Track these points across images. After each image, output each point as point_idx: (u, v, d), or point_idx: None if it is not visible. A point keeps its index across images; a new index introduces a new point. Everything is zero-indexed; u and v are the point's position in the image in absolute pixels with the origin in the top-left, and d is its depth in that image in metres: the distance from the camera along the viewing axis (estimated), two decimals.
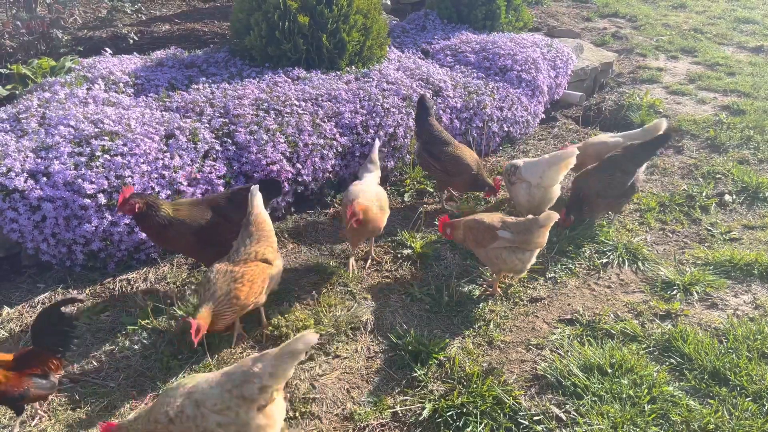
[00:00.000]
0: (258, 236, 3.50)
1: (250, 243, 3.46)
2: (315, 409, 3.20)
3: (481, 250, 3.98)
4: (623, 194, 4.71)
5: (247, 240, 3.48)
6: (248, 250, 3.43)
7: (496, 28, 7.64)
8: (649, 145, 4.63)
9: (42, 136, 4.20)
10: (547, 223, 3.80)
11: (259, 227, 3.53)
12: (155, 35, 7.27)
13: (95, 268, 4.09)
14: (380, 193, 4.23)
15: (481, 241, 3.94)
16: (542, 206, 4.63)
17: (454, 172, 4.87)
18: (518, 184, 4.67)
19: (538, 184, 4.59)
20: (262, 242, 3.49)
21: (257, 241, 3.48)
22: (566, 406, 3.25)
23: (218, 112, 4.80)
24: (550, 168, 4.55)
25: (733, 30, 10.52)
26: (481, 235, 3.94)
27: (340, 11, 5.64)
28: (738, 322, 3.91)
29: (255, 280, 3.35)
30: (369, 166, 4.50)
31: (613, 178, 4.60)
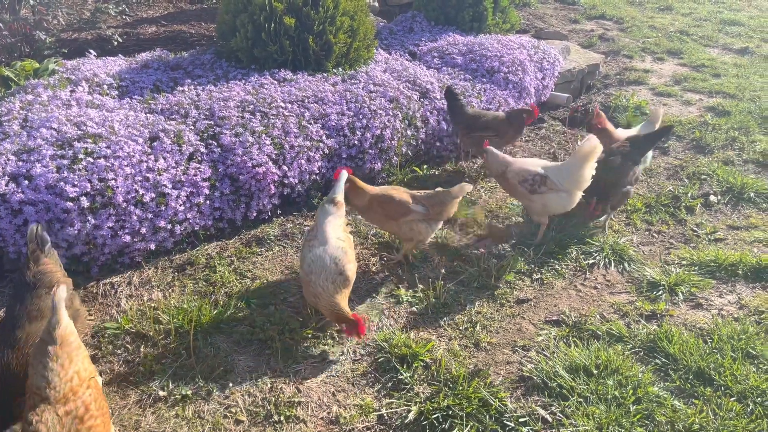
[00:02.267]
0: (68, 352, 2.60)
1: (59, 368, 2.53)
2: (300, 412, 3.18)
3: (392, 222, 4.16)
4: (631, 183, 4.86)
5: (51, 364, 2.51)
6: (63, 381, 2.52)
7: (483, 29, 7.66)
8: (652, 136, 4.90)
9: (24, 139, 4.15)
10: (460, 194, 4.18)
11: (66, 341, 2.61)
12: (141, 37, 7.23)
13: (78, 272, 4.04)
14: (343, 251, 3.58)
15: (393, 214, 4.11)
16: (568, 209, 4.58)
17: (504, 132, 5.50)
18: (548, 194, 4.45)
19: (577, 189, 4.45)
20: (75, 361, 2.60)
21: (69, 361, 2.58)
22: (552, 408, 3.24)
23: (203, 114, 4.77)
24: (583, 168, 4.36)
25: (719, 32, 10.61)
26: (393, 209, 4.11)
27: (327, 13, 5.63)
28: (722, 322, 3.93)
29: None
30: (329, 208, 3.80)
31: (626, 167, 4.70)
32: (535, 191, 4.47)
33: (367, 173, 5.31)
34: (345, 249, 3.59)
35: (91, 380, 2.63)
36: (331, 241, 3.57)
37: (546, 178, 4.45)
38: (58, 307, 2.59)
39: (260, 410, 3.17)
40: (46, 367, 2.51)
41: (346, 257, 3.56)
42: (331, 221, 3.71)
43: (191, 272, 4.18)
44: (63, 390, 2.49)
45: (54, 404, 2.45)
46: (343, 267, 3.51)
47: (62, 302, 2.60)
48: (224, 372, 3.37)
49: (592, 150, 4.31)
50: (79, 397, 2.52)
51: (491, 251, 4.58)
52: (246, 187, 4.56)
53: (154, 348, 3.50)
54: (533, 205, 4.55)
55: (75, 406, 2.49)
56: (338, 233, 3.66)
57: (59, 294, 2.61)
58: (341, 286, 3.50)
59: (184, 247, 4.40)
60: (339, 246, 3.57)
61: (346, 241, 3.69)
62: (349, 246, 3.69)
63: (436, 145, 5.85)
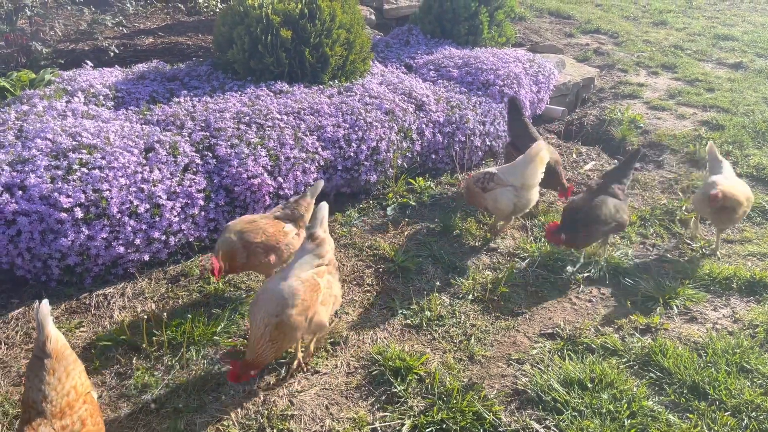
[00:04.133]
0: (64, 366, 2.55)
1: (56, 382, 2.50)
2: (293, 426, 3.16)
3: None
4: (621, 225, 4.58)
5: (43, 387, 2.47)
6: (59, 395, 2.48)
7: (479, 43, 7.71)
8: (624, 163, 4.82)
9: (18, 149, 4.15)
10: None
11: (61, 355, 2.56)
12: (138, 48, 7.24)
13: (71, 283, 4.02)
14: (292, 294, 3.14)
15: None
16: (525, 209, 4.83)
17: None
18: (498, 189, 4.68)
19: (523, 184, 4.66)
20: (72, 375, 2.57)
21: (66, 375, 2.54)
22: (546, 422, 3.23)
23: (199, 126, 4.77)
24: (528, 166, 4.64)
25: (713, 47, 10.70)
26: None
27: (323, 26, 5.66)
28: (717, 335, 3.92)
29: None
30: (306, 244, 3.42)
31: (607, 205, 4.40)
32: (486, 189, 4.72)
33: (363, 185, 5.31)
34: (297, 292, 3.11)
35: (87, 395, 2.61)
36: (288, 281, 3.16)
37: (494, 175, 4.74)
38: (44, 323, 2.52)
39: (253, 423, 3.15)
40: (42, 380, 2.47)
41: (293, 301, 3.09)
42: (303, 260, 3.30)
43: (185, 284, 4.16)
44: (60, 404, 2.45)
45: (50, 419, 2.41)
46: (283, 311, 3.06)
47: (47, 317, 2.54)
48: (217, 385, 3.35)
49: (538, 152, 4.61)
50: (76, 412, 2.48)
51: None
52: (241, 199, 4.55)
53: (147, 360, 3.48)
54: (487, 203, 4.76)
55: (71, 422, 2.46)
56: (305, 274, 3.22)
57: (43, 310, 2.54)
58: (274, 330, 3.06)
59: (178, 259, 4.39)
60: (292, 288, 3.13)
61: (308, 284, 3.18)
62: (311, 290, 3.17)
63: (432, 157, 5.87)
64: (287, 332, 3.10)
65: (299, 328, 3.13)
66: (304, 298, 3.12)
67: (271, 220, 3.85)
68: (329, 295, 3.34)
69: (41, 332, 2.52)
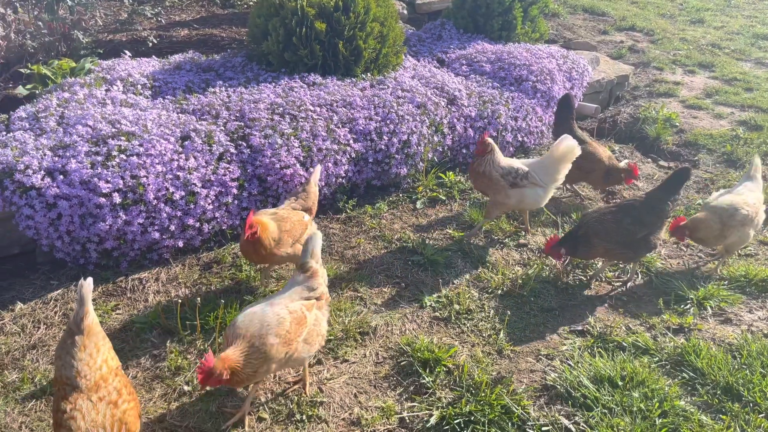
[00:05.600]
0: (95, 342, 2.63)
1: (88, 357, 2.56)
2: (322, 412, 3.19)
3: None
4: (629, 245, 4.18)
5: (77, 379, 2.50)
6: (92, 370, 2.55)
7: (512, 38, 7.65)
8: (668, 187, 4.29)
9: (60, 135, 4.25)
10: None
11: (92, 331, 2.64)
12: (174, 39, 7.35)
13: (108, 267, 4.12)
14: (270, 324, 2.92)
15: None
16: (538, 207, 4.77)
17: (587, 168, 5.16)
18: (527, 188, 4.58)
19: (551, 184, 4.63)
20: (102, 351, 2.64)
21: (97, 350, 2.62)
22: (575, 418, 3.21)
23: (234, 116, 4.83)
24: (560, 165, 4.58)
25: (752, 46, 10.45)
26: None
27: (357, 19, 5.67)
28: (752, 337, 3.86)
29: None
30: (296, 276, 3.21)
31: (620, 223, 4.14)
32: (516, 185, 4.57)
33: (393, 178, 5.33)
34: (283, 322, 2.93)
35: (118, 369, 2.69)
36: (276, 308, 2.99)
37: (527, 173, 4.59)
38: (86, 299, 2.62)
39: (283, 408, 3.19)
40: (74, 357, 2.54)
41: (278, 330, 2.89)
42: (293, 290, 3.13)
43: (217, 270, 4.23)
44: (94, 378, 2.52)
45: (86, 392, 2.48)
46: (265, 337, 2.86)
47: (89, 295, 2.63)
48: None
49: (571, 149, 4.55)
50: (110, 383, 2.56)
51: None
52: (273, 188, 4.60)
53: (180, 344, 3.55)
54: (509, 199, 4.61)
55: (108, 392, 2.53)
56: (294, 305, 3.03)
57: (87, 286, 2.64)
58: (251, 355, 2.83)
59: (211, 246, 4.46)
60: (280, 316, 2.94)
61: (295, 316, 2.98)
62: (297, 323, 2.97)
63: (462, 152, 5.85)
64: (263, 361, 2.85)
65: (275, 360, 2.91)
66: (289, 330, 2.93)
67: (291, 211, 3.91)
68: (315, 334, 3.10)
69: (80, 307, 2.60)
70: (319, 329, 3.15)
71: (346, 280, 4.21)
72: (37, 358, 3.42)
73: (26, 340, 3.54)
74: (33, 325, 3.65)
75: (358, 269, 4.34)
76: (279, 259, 3.77)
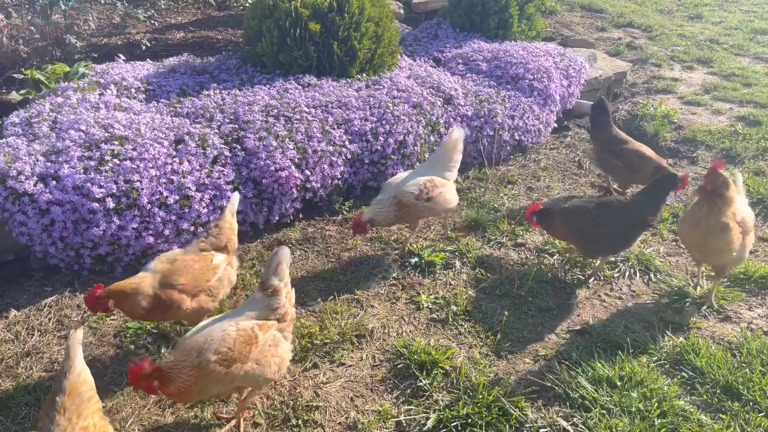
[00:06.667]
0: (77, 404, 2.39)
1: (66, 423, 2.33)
2: (318, 417, 3.17)
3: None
4: (589, 236, 4.15)
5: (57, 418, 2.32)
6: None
7: (509, 37, 7.61)
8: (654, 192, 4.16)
9: (53, 140, 4.23)
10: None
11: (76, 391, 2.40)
12: (169, 42, 7.33)
13: (103, 272, 4.09)
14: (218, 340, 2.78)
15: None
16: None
17: (637, 167, 5.12)
18: (422, 201, 4.25)
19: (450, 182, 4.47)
20: (83, 415, 2.39)
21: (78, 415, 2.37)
22: (574, 419, 3.18)
23: (228, 118, 4.81)
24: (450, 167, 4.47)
25: (750, 41, 10.40)
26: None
27: (352, 19, 5.65)
28: (752, 335, 3.82)
29: None
30: (256, 294, 3.02)
31: (588, 212, 4.12)
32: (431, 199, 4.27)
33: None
34: (226, 339, 2.76)
35: None
36: (224, 324, 2.85)
37: (433, 179, 4.33)
38: (73, 353, 2.40)
39: (278, 413, 3.17)
40: (52, 421, 2.31)
41: (217, 347, 2.74)
42: (249, 308, 2.97)
43: None
44: None
45: None
46: (203, 354, 2.72)
47: (78, 346, 2.41)
48: None
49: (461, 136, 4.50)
50: None
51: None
52: (269, 191, 4.58)
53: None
54: (437, 207, 4.34)
55: None
56: (245, 322, 2.86)
57: (76, 337, 2.41)
58: (190, 371, 2.71)
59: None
60: (225, 333, 2.79)
61: (243, 334, 2.80)
62: (244, 342, 2.78)
63: None
64: (197, 377, 2.71)
65: (213, 378, 2.73)
66: (231, 348, 2.74)
67: (194, 257, 3.35)
68: (271, 355, 2.89)
69: (66, 361, 2.39)
70: (277, 351, 2.92)
71: (342, 282, 4.18)
72: (31, 365, 3.40)
73: (20, 347, 3.52)
74: (27, 333, 3.63)
75: (354, 271, 4.32)
76: (184, 316, 3.31)
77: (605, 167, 5.43)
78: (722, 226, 3.76)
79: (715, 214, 3.78)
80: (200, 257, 3.36)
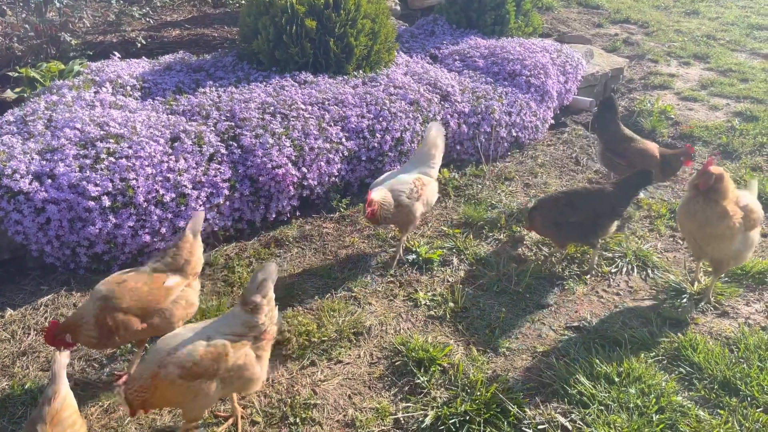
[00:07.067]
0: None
1: None
2: (316, 415, 3.16)
3: None
4: (558, 226, 4.24)
5: None
6: None
7: (506, 33, 7.60)
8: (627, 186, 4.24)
9: (48, 139, 4.21)
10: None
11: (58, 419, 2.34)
12: (165, 40, 7.31)
13: (99, 271, 4.08)
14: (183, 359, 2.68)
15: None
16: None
17: (644, 165, 4.95)
18: (419, 201, 4.21)
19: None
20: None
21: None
22: (572, 415, 3.18)
23: (224, 116, 4.79)
24: (431, 164, 4.46)
25: (747, 36, 10.41)
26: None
27: (348, 16, 5.63)
28: (749, 331, 3.82)
29: None
30: (235, 309, 2.88)
31: (557, 202, 4.27)
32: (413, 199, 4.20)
33: None
34: (185, 354, 2.66)
35: None
36: (192, 337, 2.74)
37: (420, 177, 4.29)
38: (58, 377, 2.31)
39: (276, 411, 3.16)
40: None
41: (183, 361, 2.65)
42: (225, 323, 2.83)
43: (210, 272, 4.19)
44: None
45: None
46: (165, 365, 2.65)
47: (62, 370, 2.34)
48: None
49: (440, 131, 4.50)
50: None
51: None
52: (265, 189, 4.56)
53: None
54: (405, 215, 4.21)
55: None
56: (218, 339, 2.73)
57: (60, 361, 2.33)
58: (152, 383, 2.65)
59: (203, 248, 4.40)
60: (192, 347, 2.68)
61: (212, 350, 2.69)
62: (212, 358, 2.68)
63: (457, 148, 5.81)
64: (155, 390, 2.64)
65: (171, 392, 2.67)
66: (196, 363, 2.65)
67: (146, 279, 3.16)
68: (237, 378, 2.76)
69: (50, 386, 2.32)
70: (251, 371, 2.79)
71: (339, 280, 4.17)
72: (27, 364, 3.38)
73: (16, 346, 3.50)
74: (23, 332, 3.61)
75: (352, 268, 4.31)
76: (138, 337, 3.18)
77: (609, 166, 5.39)
78: (720, 214, 3.74)
79: (711, 207, 3.77)
80: (152, 278, 3.16)
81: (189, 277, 3.27)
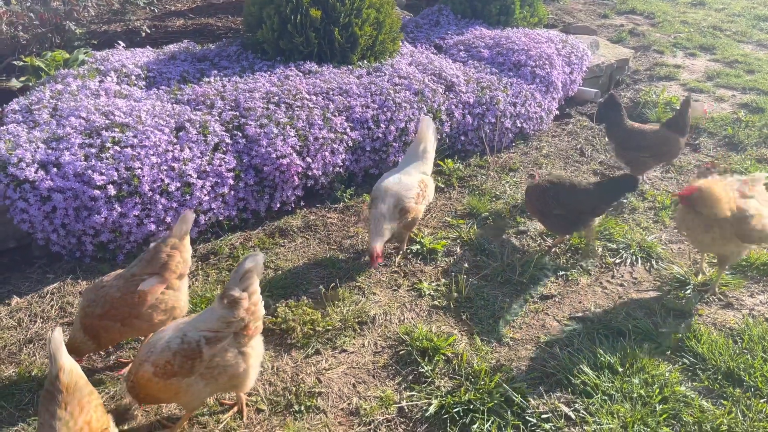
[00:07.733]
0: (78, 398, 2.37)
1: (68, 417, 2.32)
2: (320, 403, 3.18)
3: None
4: (545, 215, 4.33)
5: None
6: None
7: (511, 23, 7.56)
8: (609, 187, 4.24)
9: (53, 128, 4.22)
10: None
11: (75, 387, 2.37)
12: (169, 29, 7.29)
13: (104, 260, 4.10)
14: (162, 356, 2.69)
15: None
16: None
17: (665, 151, 5.17)
18: (421, 204, 4.24)
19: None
20: (86, 409, 2.38)
21: (80, 409, 2.36)
22: (575, 405, 3.19)
23: (229, 105, 4.79)
24: (425, 159, 4.43)
25: (753, 28, 10.34)
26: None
27: (353, 5, 5.61)
28: (753, 322, 3.82)
29: None
30: (215, 304, 2.78)
31: (545, 192, 4.27)
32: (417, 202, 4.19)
33: (391, 166, 5.28)
34: (158, 350, 2.68)
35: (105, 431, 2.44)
36: (170, 334, 2.74)
37: (423, 179, 4.31)
38: (57, 355, 2.33)
39: (281, 399, 3.18)
40: (54, 415, 2.29)
41: (155, 359, 2.67)
42: (204, 318, 2.76)
43: (215, 262, 4.20)
44: None
45: None
46: (142, 364, 2.69)
47: (60, 347, 2.34)
48: None
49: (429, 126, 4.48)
50: None
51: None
52: (270, 179, 4.57)
53: None
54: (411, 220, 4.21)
55: None
56: (192, 334, 2.70)
57: (56, 339, 2.33)
58: (136, 380, 2.71)
59: (208, 237, 4.43)
60: (168, 345, 2.68)
61: (185, 348, 2.66)
62: (186, 356, 2.66)
63: (461, 139, 5.80)
64: (134, 387, 2.70)
65: (157, 390, 2.68)
66: (169, 362, 2.64)
67: (124, 281, 3.10)
68: (221, 373, 2.73)
69: (53, 364, 2.33)
70: (232, 369, 2.75)
71: (344, 270, 4.18)
72: (33, 352, 3.41)
73: (23, 334, 3.53)
74: (30, 319, 3.64)
75: (356, 259, 4.32)
76: (122, 336, 3.22)
77: (631, 163, 5.28)
78: (708, 225, 3.76)
79: (700, 218, 3.77)
80: (126, 283, 3.09)
81: (172, 278, 3.15)
